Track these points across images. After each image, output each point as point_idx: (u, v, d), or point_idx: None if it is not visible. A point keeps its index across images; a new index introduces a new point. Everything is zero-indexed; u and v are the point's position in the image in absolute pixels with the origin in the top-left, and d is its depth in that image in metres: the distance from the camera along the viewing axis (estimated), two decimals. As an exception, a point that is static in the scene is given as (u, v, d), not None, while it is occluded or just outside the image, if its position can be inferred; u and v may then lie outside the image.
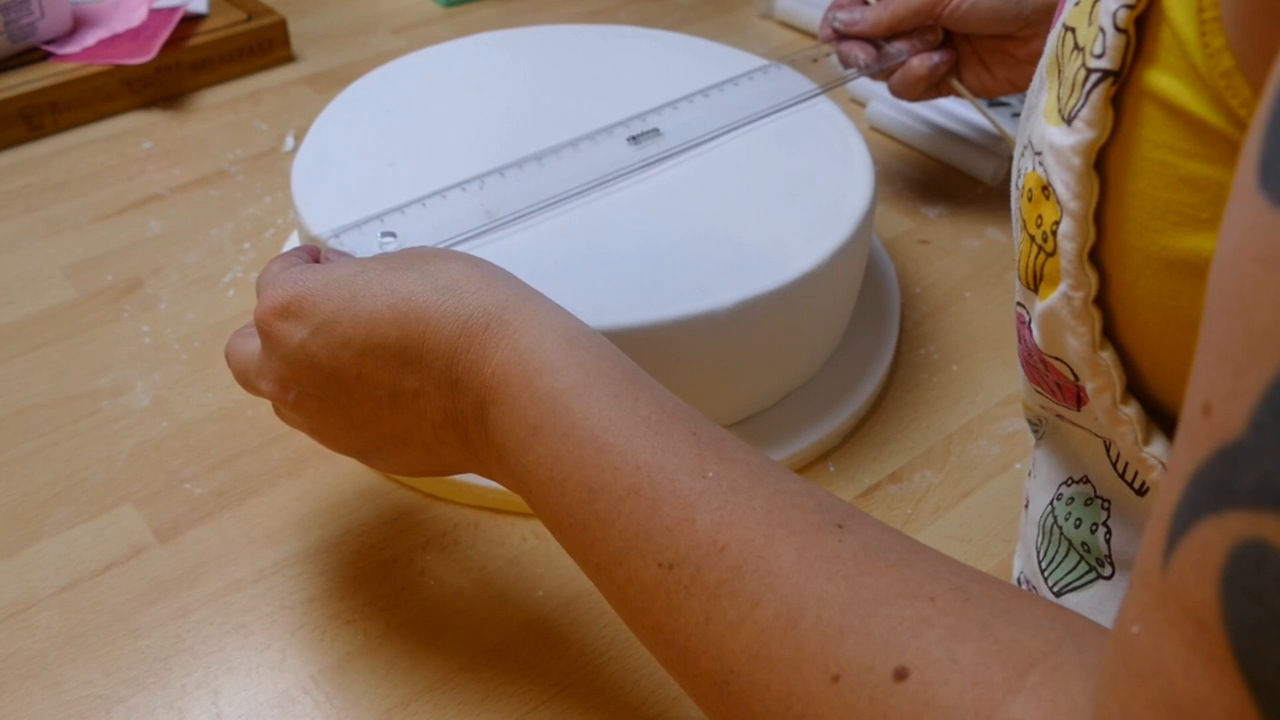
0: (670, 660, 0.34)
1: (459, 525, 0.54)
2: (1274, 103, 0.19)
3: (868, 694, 0.28)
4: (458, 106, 0.64)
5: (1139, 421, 0.33)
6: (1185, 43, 0.27)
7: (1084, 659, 0.27)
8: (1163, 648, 0.21)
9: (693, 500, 0.33)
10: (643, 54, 0.70)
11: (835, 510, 0.33)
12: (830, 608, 0.30)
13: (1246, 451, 0.19)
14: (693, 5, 1.03)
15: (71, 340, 0.63)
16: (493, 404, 0.38)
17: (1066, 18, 0.33)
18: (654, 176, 0.59)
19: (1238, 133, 0.26)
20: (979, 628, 0.28)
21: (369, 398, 0.40)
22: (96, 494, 0.54)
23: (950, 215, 0.76)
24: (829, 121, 0.64)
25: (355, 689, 0.47)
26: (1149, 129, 0.29)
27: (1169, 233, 0.29)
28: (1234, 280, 0.19)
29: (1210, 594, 0.19)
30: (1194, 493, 0.20)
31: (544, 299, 0.40)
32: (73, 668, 0.47)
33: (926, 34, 0.68)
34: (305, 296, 0.40)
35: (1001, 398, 0.62)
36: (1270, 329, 0.18)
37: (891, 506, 0.56)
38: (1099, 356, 0.33)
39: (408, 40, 0.95)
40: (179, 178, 0.77)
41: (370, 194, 0.56)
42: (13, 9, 0.79)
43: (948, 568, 0.30)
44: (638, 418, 0.35)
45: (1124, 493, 0.38)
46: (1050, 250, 0.32)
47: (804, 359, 0.59)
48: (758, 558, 0.31)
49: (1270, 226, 0.18)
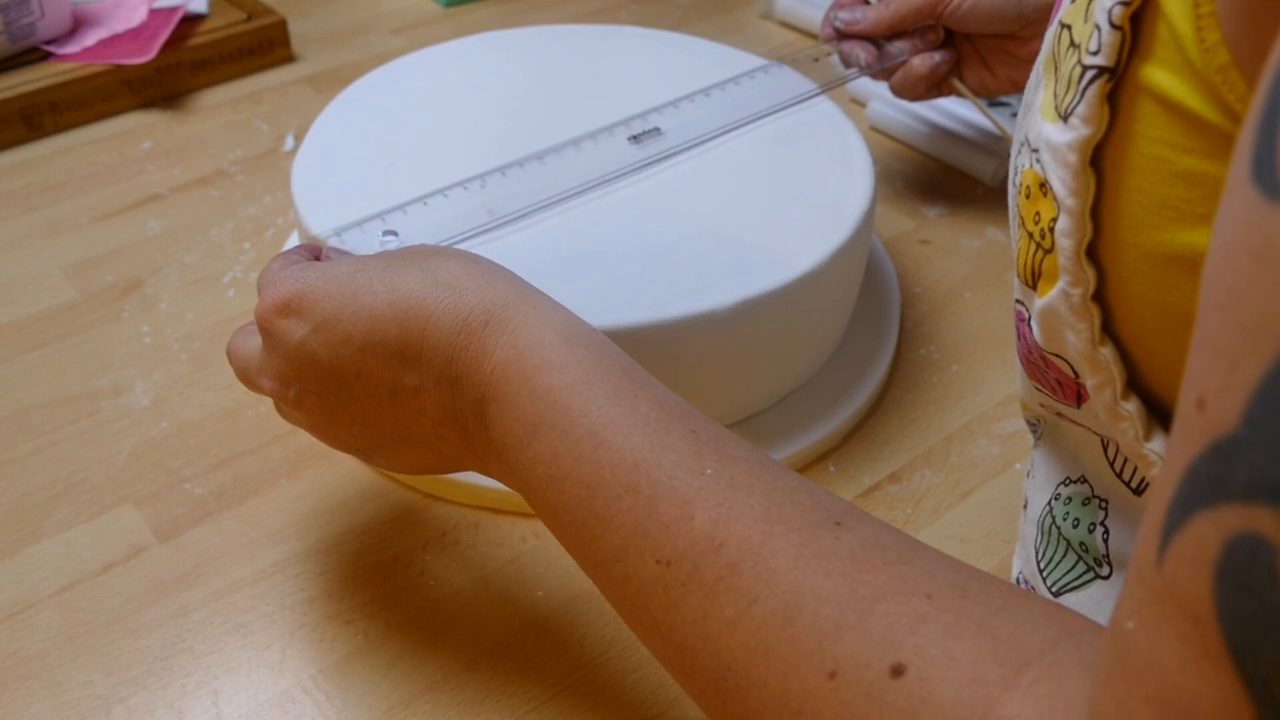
0: (668, 657, 0.34)
1: (459, 525, 0.54)
2: (1267, 97, 0.19)
3: (864, 690, 0.28)
4: (458, 106, 0.64)
5: (1139, 418, 0.33)
6: (1181, 38, 0.27)
7: (1081, 656, 0.26)
8: (1158, 643, 0.21)
9: (691, 497, 0.33)
10: (643, 54, 0.70)
11: (833, 508, 0.33)
12: (827, 604, 0.29)
13: (1240, 445, 0.19)
14: (693, 5, 1.03)
15: (71, 340, 0.63)
16: (492, 401, 0.38)
17: (1063, 15, 0.33)
18: (654, 176, 0.59)
19: (1234, 127, 0.26)
20: (976, 625, 0.28)
21: (369, 395, 0.41)
22: (96, 494, 0.54)
23: (950, 215, 0.76)
24: (829, 121, 0.64)
25: (355, 689, 0.47)
26: (1145, 124, 0.29)
27: (1166, 228, 0.29)
28: (1227, 274, 0.19)
29: (1204, 588, 0.19)
30: (1188, 487, 0.20)
31: (544, 296, 0.40)
32: (73, 668, 0.47)
33: (928, 33, 0.68)
34: (306, 294, 0.40)
35: (1001, 398, 0.62)
36: (1263, 323, 0.18)
37: (891, 506, 0.56)
38: (1098, 353, 0.33)
39: (408, 40, 0.95)
40: (179, 178, 0.77)
41: (370, 194, 0.56)
42: (13, 9, 0.79)
43: (945, 565, 0.30)
44: (636, 415, 0.35)
45: (1121, 492, 0.38)
46: (1048, 247, 0.32)
47: (804, 359, 0.59)
48: (755, 555, 0.31)
49: (1263, 221, 0.18)
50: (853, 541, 0.31)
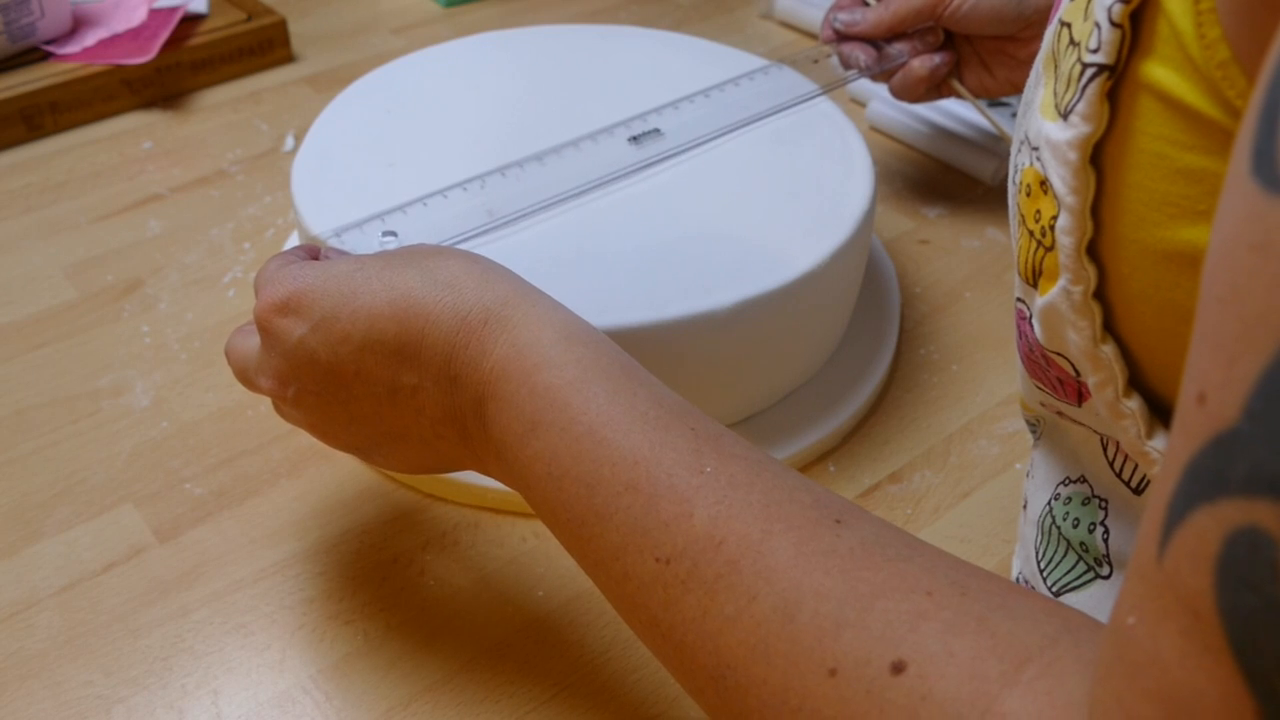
0: (668, 655, 0.34)
1: (459, 525, 0.54)
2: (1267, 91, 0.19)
3: (864, 687, 0.28)
4: (458, 106, 0.64)
5: (1141, 415, 0.33)
6: (1182, 34, 0.27)
7: (1081, 653, 0.26)
8: (1158, 638, 0.21)
9: (690, 495, 0.33)
10: (643, 54, 0.70)
11: (832, 505, 0.33)
12: (827, 602, 0.29)
13: (1240, 439, 0.19)
14: (693, 5, 1.03)
15: (71, 340, 0.63)
16: (491, 400, 0.38)
17: (1063, 13, 0.33)
18: (654, 176, 0.59)
19: (1234, 124, 0.26)
20: (976, 622, 0.28)
21: (368, 394, 0.40)
22: (96, 494, 0.54)
23: (950, 215, 0.76)
24: (829, 121, 0.64)
25: (355, 689, 0.47)
26: (1146, 121, 0.29)
27: (1166, 225, 0.29)
28: (1228, 268, 0.19)
29: (1205, 583, 0.19)
30: (1189, 482, 0.20)
31: (542, 295, 0.40)
32: (73, 668, 0.47)
33: (927, 35, 0.68)
34: (304, 293, 0.40)
35: (1001, 398, 0.62)
36: (1264, 316, 0.18)
37: (891, 506, 0.56)
38: (1100, 350, 0.33)
39: (408, 40, 0.96)
40: (179, 178, 0.77)
41: (370, 194, 0.56)
42: (13, 9, 0.79)
43: (945, 562, 0.30)
44: (635, 413, 0.35)
45: (1121, 492, 0.38)
46: (1049, 245, 0.32)
47: (804, 359, 0.59)
48: (755, 552, 0.31)
49: (1263, 214, 0.18)
50: (852, 539, 0.31)
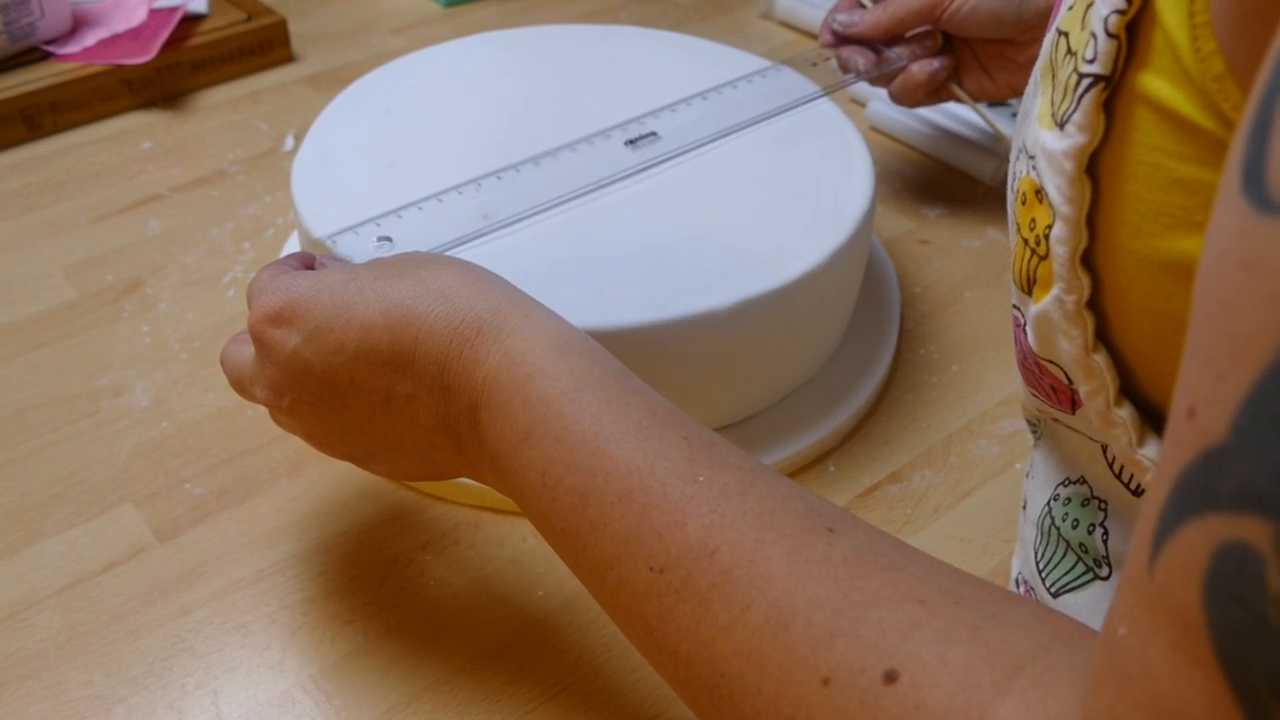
0: (662, 664, 0.34)
1: (459, 525, 0.54)
2: (1257, 109, 0.19)
3: (858, 696, 0.28)
4: (458, 106, 0.64)
5: (1133, 424, 0.33)
6: (1177, 46, 0.27)
7: (1073, 661, 0.27)
8: (1149, 650, 0.21)
9: (684, 504, 0.33)
10: (643, 54, 0.70)
11: (825, 514, 0.33)
12: (820, 611, 0.30)
13: (1228, 454, 0.19)
14: (693, 5, 1.03)
15: (71, 340, 0.63)
16: (485, 409, 0.38)
17: (1060, 22, 0.33)
18: (654, 176, 0.59)
19: (1229, 135, 0.26)
20: (969, 630, 0.28)
21: (362, 403, 0.41)
22: (96, 494, 0.55)
23: (950, 215, 0.76)
24: (829, 122, 0.64)
25: (355, 689, 0.47)
26: (1141, 132, 0.29)
27: (1162, 235, 0.29)
28: (1217, 285, 0.20)
29: (1194, 596, 0.19)
30: (1178, 495, 0.20)
31: (536, 304, 0.40)
32: (73, 668, 0.47)
33: (926, 39, 0.68)
34: (298, 303, 0.40)
35: (1001, 398, 0.62)
36: (1252, 333, 0.18)
37: (891, 506, 0.56)
38: (1092, 360, 0.33)
39: (408, 40, 0.96)
40: (179, 178, 0.77)
41: (370, 194, 0.56)
42: (13, 9, 0.79)
43: (938, 571, 0.30)
44: (629, 422, 0.35)
45: (1120, 494, 0.38)
46: (1043, 254, 0.32)
47: (804, 359, 0.59)
48: (748, 561, 0.31)
49: (1253, 231, 0.19)
50: (845, 548, 0.31)
